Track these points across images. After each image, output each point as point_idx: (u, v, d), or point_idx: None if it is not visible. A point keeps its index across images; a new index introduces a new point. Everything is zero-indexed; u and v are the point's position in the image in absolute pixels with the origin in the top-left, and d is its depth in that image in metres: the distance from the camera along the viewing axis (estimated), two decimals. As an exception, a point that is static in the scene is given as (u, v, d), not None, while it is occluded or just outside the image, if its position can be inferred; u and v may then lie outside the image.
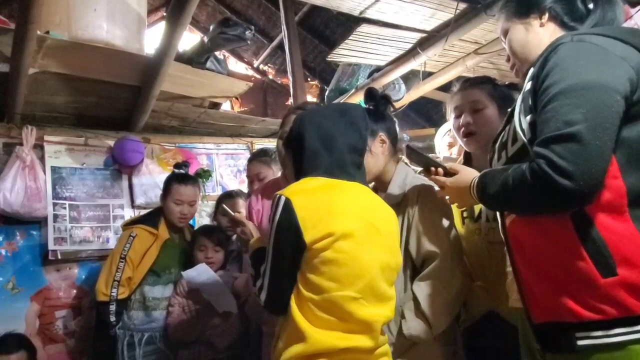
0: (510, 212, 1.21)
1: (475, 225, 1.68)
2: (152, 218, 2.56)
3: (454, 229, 1.62)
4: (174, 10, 2.11)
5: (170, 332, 2.36)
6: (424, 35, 2.57)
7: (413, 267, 1.60)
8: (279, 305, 1.28)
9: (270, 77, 6.52)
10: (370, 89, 1.77)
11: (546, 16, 1.24)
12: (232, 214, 1.82)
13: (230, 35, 2.55)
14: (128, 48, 2.63)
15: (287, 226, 1.24)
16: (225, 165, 3.59)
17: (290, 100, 3.95)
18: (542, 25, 1.25)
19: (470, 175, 1.29)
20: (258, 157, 2.50)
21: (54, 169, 3.00)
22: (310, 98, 5.77)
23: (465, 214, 1.73)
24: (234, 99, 5.96)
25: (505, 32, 1.33)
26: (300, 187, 1.32)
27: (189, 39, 5.82)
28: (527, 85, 1.16)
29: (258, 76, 6.49)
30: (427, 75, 3.14)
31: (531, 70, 1.17)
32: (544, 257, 1.11)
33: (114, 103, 2.99)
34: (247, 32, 2.57)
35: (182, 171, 2.61)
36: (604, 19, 1.18)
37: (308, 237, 1.22)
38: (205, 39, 2.67)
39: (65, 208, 2.98)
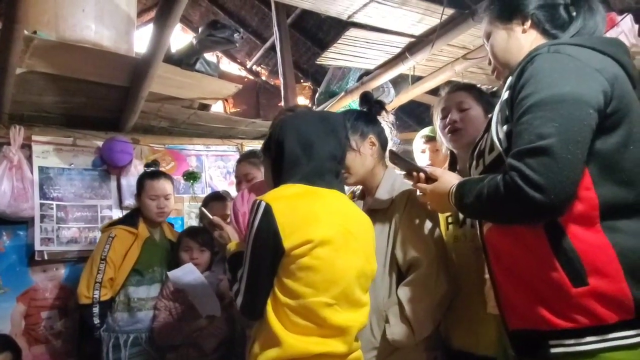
0: (486, 221, 1.23)
1: (460, 230, 1.69)
2: (130, 218, 2.59)
3: (440, 236, 1.64)
4: (161, 12, 2.11)
5: (156, 336, 2.35)
6: (412, 40, 2.58)
7: (399, 272, 1.61)
8: (255, 310, 1.30)
9: (264, 78, 6.52)
10: (365, 93, 1.82)
11: (528, 22, 1.24)
12: (210, 217, 1.82)
13: (219, 37, 2.55)
14: (116, 49, 2.63)
15: (266, 231, 1.25)
16: (215, 166, 3.59)
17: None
18: (524, 31, 1.25)
19: (449, 182, 1.30)
20: (247, 158, 2.51)
21: (42, 169, 2.99)
22: (303, 100, 5.78)
23: (450, 220, 1.74)
24: (226, 99, 5.96)
25: (488, 35, 1.34)
26: (280, 194, 1.33)
27: (182, 39, 5.82)
28: (505, 95, 1.17)
29: (251, 77, 6.50)
30: (417, 79, 3.16)
31: (509, 80, 1.18)
32: (519, 265, 1.12)
33: (103, 103, 2.98)
34: (235, 35, 2.57)
35: (153, 168, 2.66)
36: (585, 27, 1.19)
37: (287, 243, 1.23)
38: (194, 41, 2.68)
39: (52, 208, 2.97)
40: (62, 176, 3.05)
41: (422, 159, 2.21)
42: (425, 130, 2.28)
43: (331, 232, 1.28)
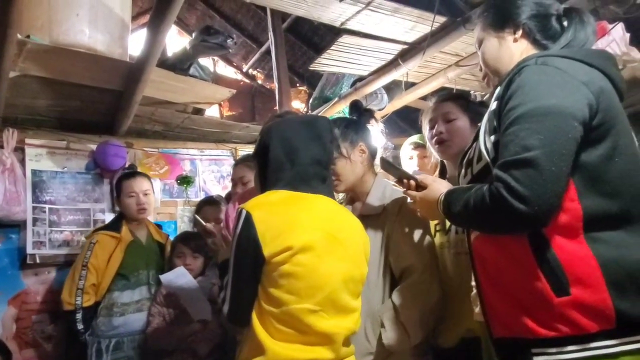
0: (473, 229, 1.24)
1: (445, 237, 1.71)
2: (113, 223, 2.62)
3: (432, 243, 1.67)
4: (155, 17, 2.12)
5: (151, 342, 2.35)
6: (405, 47, 2.60)
7: (392, 277, 1.63)
8: (241, 318, 1.30)
9: (259, 82, 6.53)
10: (355, 101, 1.85)
11: (520, 32, 1.26)
12: (204, 224, 1.82)
13: (212, 43, 2.56)
14: (110, 53, 2.63)
15: (246, 240, 1.26)
16: (209, 170, 3.59)
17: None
18: (515, 40, 1.27)
19: (438, 190, 1.31)
20: (244, 161, 2.52)
21: (35, 172, 2.98)
22: (299, 104, 5.79)
23: (437, 227, 1.76)
24: (222, 103, 5.97)
25: (480, 42, 1.35)
26: (262, 201, 1.34)
27: (178, 42, 5.82)
28: (493, 105, 1.18)
29: (247, 81, 6.51)
30: (410, 85, 3.18)
31: (497, 90, 1.19)
32: (503, 273, 1.13)
33: (97, 107, 2.98)
34: (228, 41, 2.58)
35: (128, 170, 2.73)
36: (575, 39, 1.20)
37: (267, 250, 1.24)
38: (188, 47, 2.69)
39: (45, 212, 2.96)
40: (55, 179, 3.05)
41: (410, 165, 2.22)
42: (414, 137, 2.30)
43: (313, 238, 1.28)
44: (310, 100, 3.90)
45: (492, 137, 1.14)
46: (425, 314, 1.56)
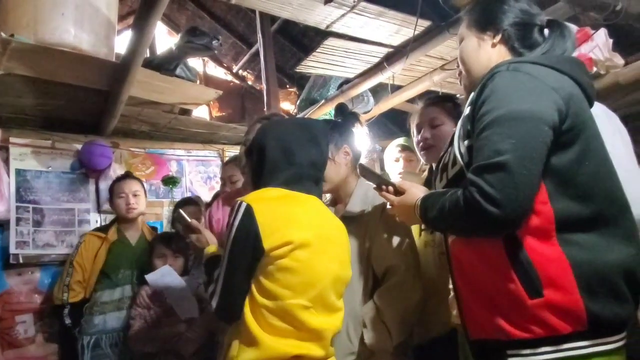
0: (449, 233, 1.26)
1: (430, 236, 1.74)
2: (106, 225, 2.74)
3: (414, 244, 1.69)
4: (140, 17, 2.11)
5: (132, 344, 2.34)
6: (390, 50, 2.62)
7: (374, 278, 1.66)
8: (231, 313, 1.30)
9: (250, 83, 6.52)
10: (341, 104, 1.87)
11: (499, 37, 1.26)
12: (189, 220, 1.82)
13: (197, 44, 2.57)
14: (96, 53, 2.62)
15: (246, 232, 1.26)
16: (196, 171, 3.59)
17: (267, 108, 3.96)
18: (493, 45, 1.27)
19: (415, 195, 1.32)
20: (233, 161, 2.56)
21: (19, 172, 2.97)
22: (289, 105, 5.79)
23: (423, 226, 1.78)
24: (212, 103, 5.96)
25: (462, 39, 1.35)
26: (261, 196, 1.35)
27: (168, 42, 5.80)
28: (467, 110, 1.19)
29: (237, 82, 6.50)
30: (396, 88, 3.19)
31: (471, 95, 1.21)
32: (479, 276, 1.15)
33: (83, 107, 2.97)
34: (214, 42, 2.59)
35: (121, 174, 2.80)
36: (552, 50, 1.22)
37: (267, 243, 1.25)
38: (173, 47, 2.69)
39: (28, 211, 2.95)
40: (40, 179, 3.04)
41: (395, 167, 2.23)
42: (400, 140, 2.31)
43: (310, 236, 1.30)
44: (298, 102, 3.90)
45: (466, 142, 1.15)
46: (406, 314, 1.58)
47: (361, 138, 2.39)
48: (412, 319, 1.61)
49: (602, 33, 2.93)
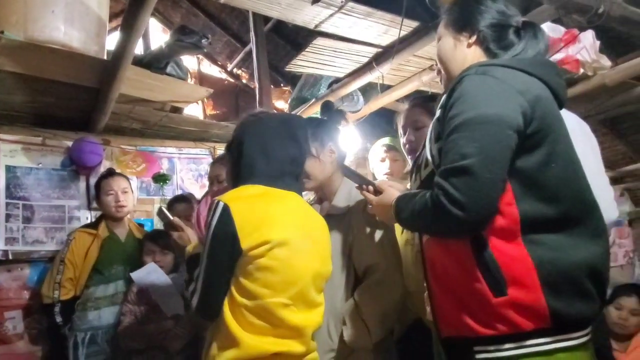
0: (421, 233, 1.29)
1: (410, 235, 1.77)
2: (94, 222, 2.72)
3: (395, 242, 1.72)
4: (129, 15, 2.12)
5: (122, 341, 2.36)
6: (379, 50, 2.64)
7: (355, 275, 1.67)
8: (211, 311, 1.31)
9: (244, 81, 6.53)
10: (326, 101, 1.88)
11: (474, 38, 1.28)
12: (171, 218, 1.83)
13: (187, 42, 2.58)
14: (86, 50, 2.63)
15: (224, 232, 1.26)
16: (187, 169, 3.60)
17: (260, 106, 3.97)
18: (469, 45, 1.29)
19: (392, 195, 1.34)
20: (220, 160, 2.56)
21: (9, 168, 2.97)
22: (283, 104, 5.81)
23: None
24: (206, 101, 5.97)
25: (439, 38, 1.37)
26: (239, 194, 1.35)
27: (163, 40, 5.80)
28: (438, 113, 1.22)
29: (231, 80, 6.50)
30: (386, 87, 3.22)
31: (442, 99, 1.23)
32: (449, 275, 1.18)
33: (73, 104, 2.97)
34: (203, 41, 2.60)
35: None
36: (525, 52, 1.24)
37: (245, 243, 1.25)
38: (163, 45, 2.70)
39: (18, 208, 2.96)
40: (30, 176, 3.04)
41: (381, 167, 2.25)
42: (386, 139, 2.32)
43: (289, 233, 1.31)
44: (289, 101, 3.92)
45: (437, 144, 1.18)
46: (387, 312, 1.60)
47: (347, 136, 2.40)
48: (392, 316, 1.63)
49: (590, 35, 2.96)
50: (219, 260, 1.28)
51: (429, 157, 1.21)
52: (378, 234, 1.66)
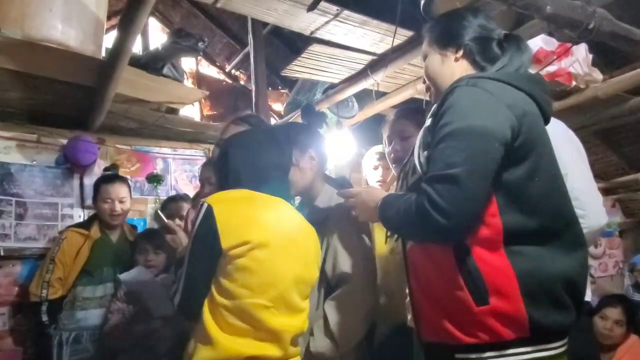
0: (401, 236, 1.31)
1: (395, 243, 1.77)
2: (87, 221, 2.70)
3: (370, 252, 1.71)
4: (126, 15, 2.14)
5: (107, 339, 2.36)
6: (374, 57, 2.67)
7: (327, 286, 1.67)
8: (191, 310, 1.32)
9: (242, 82, 6.55)
10: (307, 105, 1.87)
11: (461, 52, 1.31)
12: (166, 220, 1.85)
13: (183, 45, 2.60)
14: (83, 49, 2.64)
15: (205, 232, 1.29)
16: (181, 170, 3.62)
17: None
18: (456, 59, 1.32)
19: (379, 194, 1.35)
20: (211, 162, 2.56)
21: (2, 165, 2.97)
22: (280, 106, 5.83)
23: (388, 233, 1.81)
24: (203, 102, 5.98)
25: (425, 56, 1.40)
26: (224, 196, 1.39)
27: (162, 39, 5.81)
28: (428, 122, 1.24)
29: (229, 81, 6.52)
30: (381, 94, 3.24)
31: (433, 108, 1.26)
32: (431, 281, 1.20)
33: (69, 102, 2.99)
34: (199, 44, 2.62)
35: (109, 172, 2.74)
36: (510, 64, 1.27)
37: (225, 243, 1.27)
38: (160, 47, 2.72)
39: (11, 204, 2.96)
40: (24, 172, 3.05)
41: (374, 175, 2.26)
42: (379, 147, 2.33)
43: (270, 236, 1.33)
44: (284, 105, 3.95)
45: (426, 152, 1.20)
46: (356, 323, 1.59)
47: (342, 141, 2.39)
48: (361, 327, 1.62)
49: (583, 48, 3.00)
50: (201, 259, 1.31)
51: (417, 165, 1.23)
52: (352, 244, 1.65)
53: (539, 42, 2.68)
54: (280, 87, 6.09)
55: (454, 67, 1.32)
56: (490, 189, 1.11)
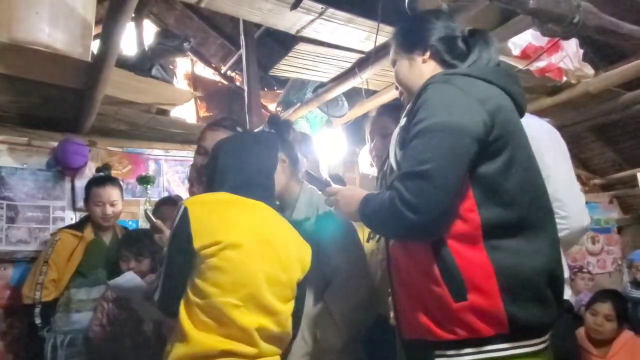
0: (377, 233, 1.30)
1: (376, 245, 1.78)
2: (79, 223, 2.69)
3: (359, 243, 1.76)
4: (110, 16, 2.14)
5: (94, 340, 2.35)
6: (362, 55, 2.66)
7: (324, 281, 1.70)
8: (170, 307, 1.37)
9: (238, 83, 6.54)
10: (272, 116, 1.92)
11: (428, 53, 1.33)
12: (154, 220, 1.85)
13: (169, 46, 2.60)
14: (70, 52, 2.64)
15: (181, 232, 1.34)
16: (173, 171, 3.61)
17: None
18: (424, 61, 1.34)
19: (359, 192, 1.32)
20: None
21: (-7, 168, 2.99)
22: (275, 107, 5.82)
23: (371, 234, 1.81)
24: (199, 104, 5.98)
25: (394, 62, 1.42)
26: (202, 199, 1.45)
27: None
28: (402, 121, 1.24)
29: (225, 82, 6.52)
30: (372, 93, 3.23)
31: (408, 106, 1.25)
32: (412, 279, 1.19)
33: (59, 105, 2.99)
34: (185, 44, 2.62)
35: (101, 174, 2.74)
36: (480, 58, 1.28)
37: (197, 243, 1.32)
38: (146, 48, 2.72)
39: (2, 208, 2.97)
40: (15, 176, 3.05)
41: (370, 172, 2.26)
42: None
43: (243, 237, 1.36)
44: (275, 105, 3.94)
45: (402, 151, 1.20)
46: (353, 311, 1.64)
47: (333, 140, 2.35)
48: (359, 314, 1.66)
49: (573, 43, 2.99)
50: (177, 258, 1.36)
51: (393, 164, 1.22)
52: (341, 235, 1.71)
53: (527, 38, 2.67)
54: (275, 88, 6.08)
55: (422, 69, 1.34)
56: (466, 184, 1.10)
